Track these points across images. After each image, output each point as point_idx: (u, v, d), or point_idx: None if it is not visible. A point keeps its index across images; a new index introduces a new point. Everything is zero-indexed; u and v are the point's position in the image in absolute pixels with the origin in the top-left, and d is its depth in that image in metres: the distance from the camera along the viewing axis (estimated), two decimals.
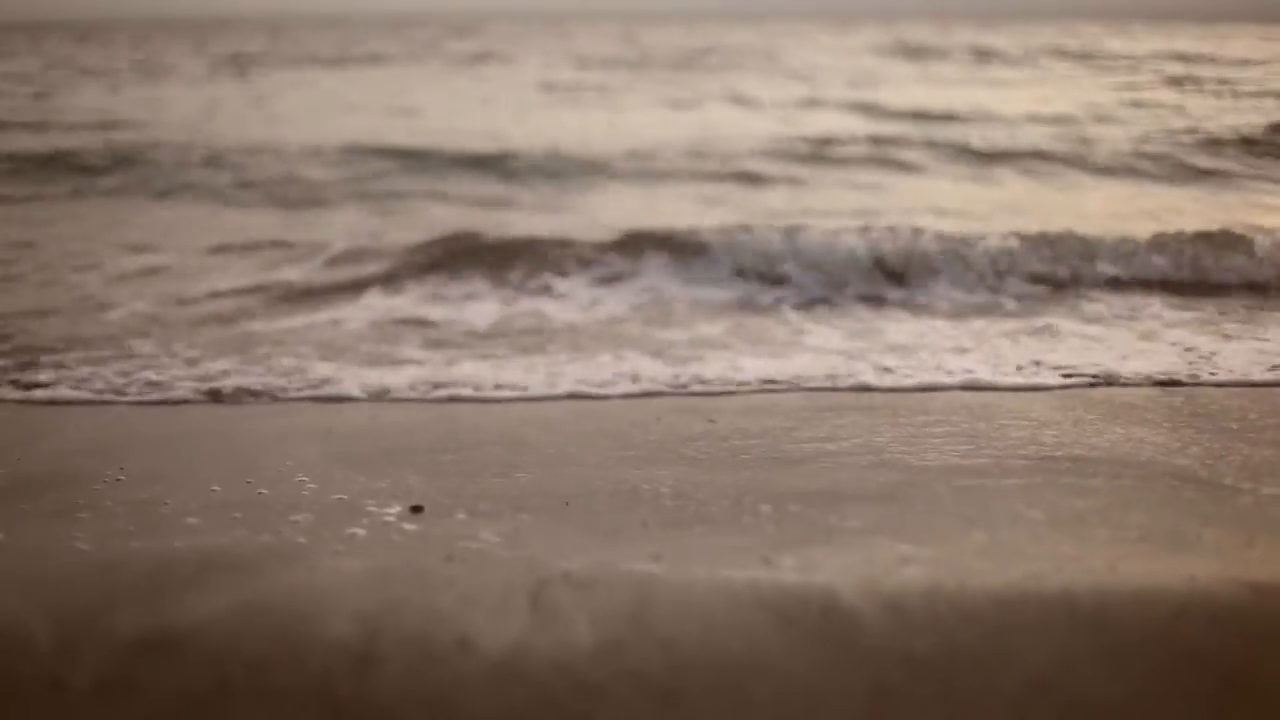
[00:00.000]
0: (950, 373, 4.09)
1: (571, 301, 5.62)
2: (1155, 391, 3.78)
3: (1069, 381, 3.92)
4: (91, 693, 1.56)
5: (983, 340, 4.61)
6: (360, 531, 2.32)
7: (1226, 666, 1.60)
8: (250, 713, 1.50)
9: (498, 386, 4.00)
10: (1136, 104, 15.41)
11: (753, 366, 4.20)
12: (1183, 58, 25.14)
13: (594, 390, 3.93)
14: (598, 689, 1.54)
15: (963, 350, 4.45)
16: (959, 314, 5.25)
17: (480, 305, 5.55)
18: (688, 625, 1.74)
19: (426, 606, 1.83)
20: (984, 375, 4.04)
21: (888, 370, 4.14)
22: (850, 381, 3.98)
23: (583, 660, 1.62)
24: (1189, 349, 4.44)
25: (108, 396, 3.83)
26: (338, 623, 1.76)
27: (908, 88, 18.20)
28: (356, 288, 5.77)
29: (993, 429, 3.22)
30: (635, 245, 6.31)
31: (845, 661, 1.61)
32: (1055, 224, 6.60)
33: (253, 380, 4.02)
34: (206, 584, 1.95)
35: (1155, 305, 5.38)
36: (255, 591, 1.91)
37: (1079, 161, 10.56)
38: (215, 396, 3.86)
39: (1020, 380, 3.97)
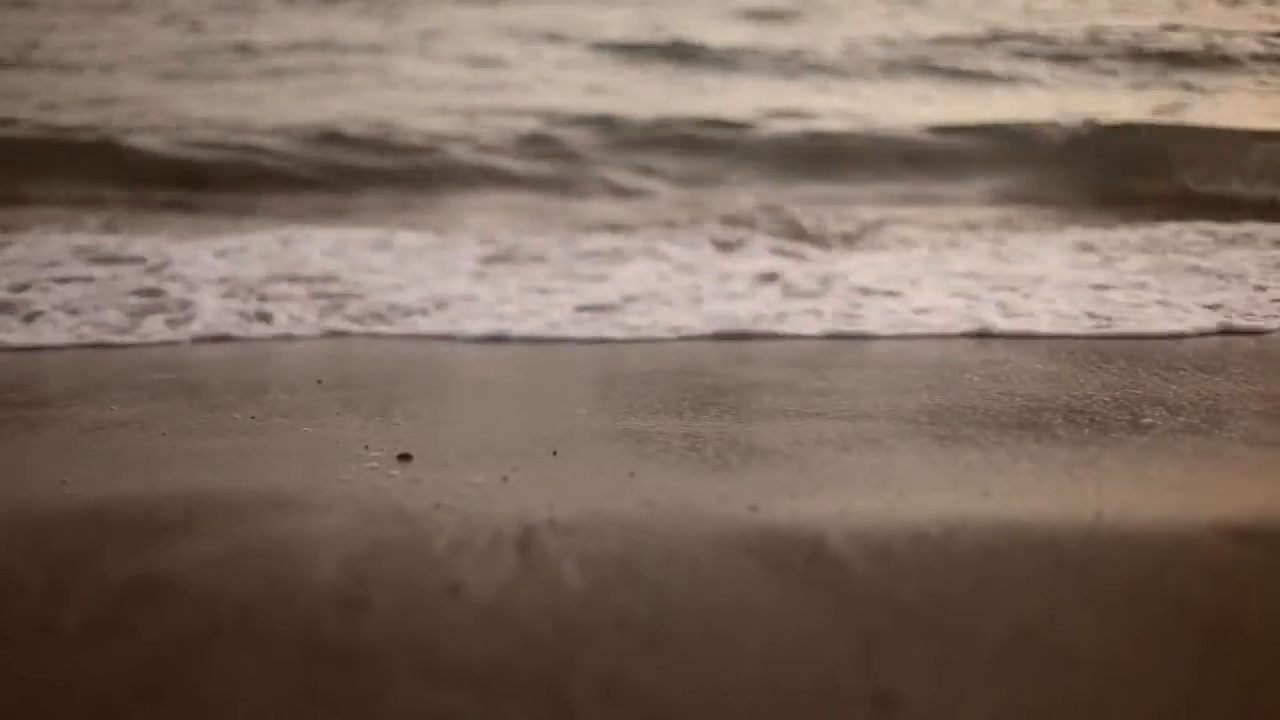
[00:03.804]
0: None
1: None
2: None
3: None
4: (81, 635, 1.57)
5: None
6: (349, 478, 2.33)
7: (1212, 615, 1.61)
8: (239, 655, 1.51)
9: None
10: None
11: None
12: None
13: (591, 335, 3.93)
14: (584, 632, 1.55)
15: None
16: None
17: None
18: (675, 570, 1.76)
19: (415, 553, 1.84)
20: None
21: None
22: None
23: (570, 605, 1.63)
24: None
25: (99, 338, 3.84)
26: (326, 568, 1.77)
27: None
28: None
29: (984, 376, 3.23)
30: None
31: (832, 608, 1.62)
32: None
33: None
34: (196, 528, 1.95)
35: None
36: (244, 536, 1.92)
37: None
38: None
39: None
